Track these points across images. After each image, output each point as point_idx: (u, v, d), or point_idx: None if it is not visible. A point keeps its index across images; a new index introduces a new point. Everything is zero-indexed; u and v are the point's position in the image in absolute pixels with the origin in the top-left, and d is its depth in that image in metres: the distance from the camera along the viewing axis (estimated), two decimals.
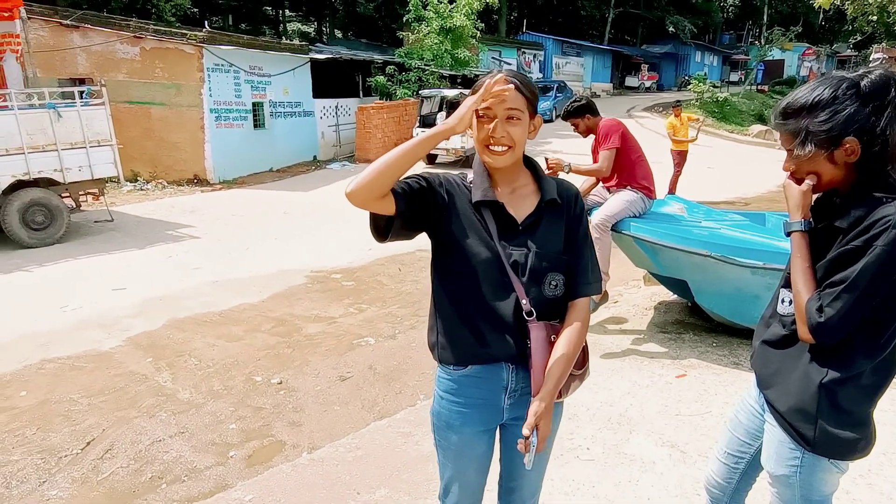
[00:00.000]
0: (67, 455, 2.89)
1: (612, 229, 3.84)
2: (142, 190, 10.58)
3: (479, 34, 18.50)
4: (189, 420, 3.20)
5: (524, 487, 1.53)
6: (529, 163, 1.44)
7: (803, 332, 1.27)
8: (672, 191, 8.57)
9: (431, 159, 13.85)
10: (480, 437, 1.47)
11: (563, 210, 1.41)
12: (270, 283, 5.50)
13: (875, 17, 12.28)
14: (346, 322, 4.63)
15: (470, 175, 1.42)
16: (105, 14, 14.03)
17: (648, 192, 3.94)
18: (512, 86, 1.30)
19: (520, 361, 1.38)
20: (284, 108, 13.23)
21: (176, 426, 3.14)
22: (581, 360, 1.43)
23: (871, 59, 6.66)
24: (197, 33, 11.04)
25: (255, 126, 12.44)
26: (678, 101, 9.87)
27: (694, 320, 4.37)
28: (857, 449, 1.33)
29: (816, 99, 1.22)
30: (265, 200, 9.73)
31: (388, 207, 1.27)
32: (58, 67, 11.02)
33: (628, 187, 3.89)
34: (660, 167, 5.91)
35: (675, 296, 4.70)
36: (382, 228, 1.33)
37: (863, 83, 1.21)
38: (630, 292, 5.23)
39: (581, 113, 3.91)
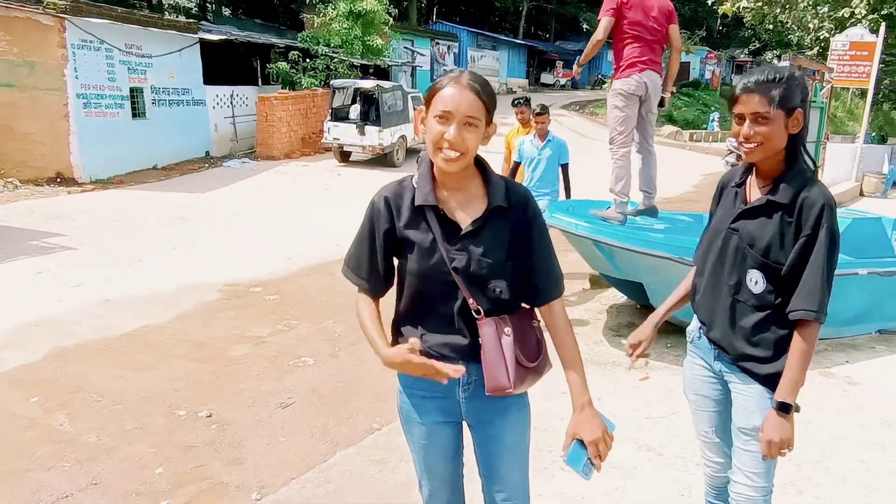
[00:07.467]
0: None
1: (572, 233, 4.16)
2: None
3: (391, 21, 18.58)
4: (101, 468, 2.93)
5: (506, 489, 1.60)
6: (481, 165, 1.53)
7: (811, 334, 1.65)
8: None
9: (345, 157, 13.67)
10: (442, 428, 1.61)
11: (510, 215, 1.49)
12: (177, 300, 5.18)
13: (771, 27, 14.01)
14: (277, 341, 4.48)
15: (416, 175, 1.52)
16: None
17: None
18: (472, 92, 1.40)
19: (470, 357, 1.50)
20: (169, 94, 12.46)
21: (84, 477, 2.86)
22: (534, 354, 1.54)
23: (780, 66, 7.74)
24: (57, 2, 10.09)
25: (134, 115, 11.64)
26: (525, 98, 5.98)
27: None
28: None
29: (783, 75, 1.66)
30: (152, 203, 9.10)
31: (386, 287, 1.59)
32: None
33: None
34: (579, 167, 6.27)
35: (625, 298, 5.10)
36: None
37: (797, 75, 1.71)
38: (579, 296, 5.57)
39: None
